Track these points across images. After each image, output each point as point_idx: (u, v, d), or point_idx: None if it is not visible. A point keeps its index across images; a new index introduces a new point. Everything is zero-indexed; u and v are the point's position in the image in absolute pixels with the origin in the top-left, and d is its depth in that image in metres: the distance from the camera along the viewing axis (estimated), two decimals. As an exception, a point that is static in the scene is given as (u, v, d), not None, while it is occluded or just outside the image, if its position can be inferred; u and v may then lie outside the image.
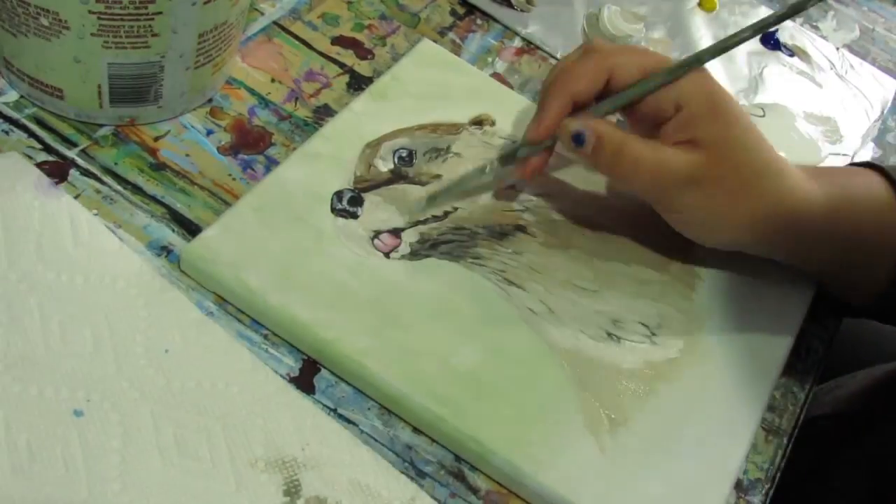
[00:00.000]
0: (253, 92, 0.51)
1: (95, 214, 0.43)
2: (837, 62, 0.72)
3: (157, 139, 0.48)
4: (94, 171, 0.45)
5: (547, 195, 0.50)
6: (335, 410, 0.41)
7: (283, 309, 0.41)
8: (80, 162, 0.45)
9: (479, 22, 0.62)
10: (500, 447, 0.40)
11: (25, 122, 0.46)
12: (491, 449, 0.40)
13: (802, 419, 0.49)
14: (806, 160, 0.62)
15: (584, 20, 0.65)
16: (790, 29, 0.72)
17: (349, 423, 0.41)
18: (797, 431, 0.48)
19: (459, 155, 0.50)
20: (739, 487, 0.45)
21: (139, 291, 0.41)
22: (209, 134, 0.49)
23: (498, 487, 0.41)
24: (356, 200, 0.46)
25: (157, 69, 0.44)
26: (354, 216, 0.46)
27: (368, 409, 0.42)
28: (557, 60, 0.61)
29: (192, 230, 0.45)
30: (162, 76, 0.45)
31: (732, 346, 0.48)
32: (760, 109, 0.65)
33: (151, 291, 0.41)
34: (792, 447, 0.47)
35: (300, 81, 0.53)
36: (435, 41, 0.57)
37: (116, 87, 0.45)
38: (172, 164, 0.47)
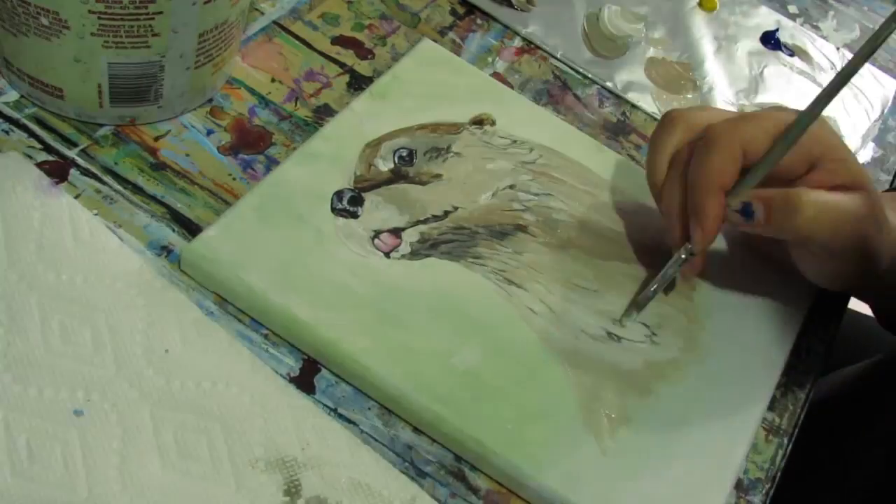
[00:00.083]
0: (253, 92, 0.51)
1: (96, 214, 0.43)
2: (838, 62, 0.72)
3: (157, 139, 0.48)
4: (94, 170, 0.45)
5: (547, 195, 0.50)
6: (335, 410, 0.41)
7: (283, 309, 0.41)
8: (80, 162, 0.45)
9: (479, 22, 0.62)
10: (500, 447, 0.40)
11: (25, 121, 0.46)
12: (491, 449, 0.40)
13: (804, 415, 0.49)
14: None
15: (584, 20, 0.65)
16: (790, 29, 0.72)
17: (349, 423, 0.41)
18: (801, 423, 0.48)
19: (460, 154, 0.50)
20: (740, 487, 0.45)
21: (139, 291, 0.41)
22: (209, 134, 0.49)
23: (498, 487, 0.41)
24: (356, 200, 0.46)
25: (157, 69, 0.44)
26: (355, 216, 0.46)
27: (368, 409, 0.42)
28: (558, 59, 0.61)
29: (192, 230, 0.45)
30: (162, 76, 0.45)
31: (733, 345, 0.48)
32: (760, 109, 0.65)
33: (152, 291, 0.41)
34: (802, 432, 0.48)
35: (300, 81, 0.53)
36: (435, 41, 0.57)
37: (116, 86, 0.45)
38: (173, 163, 0.47)
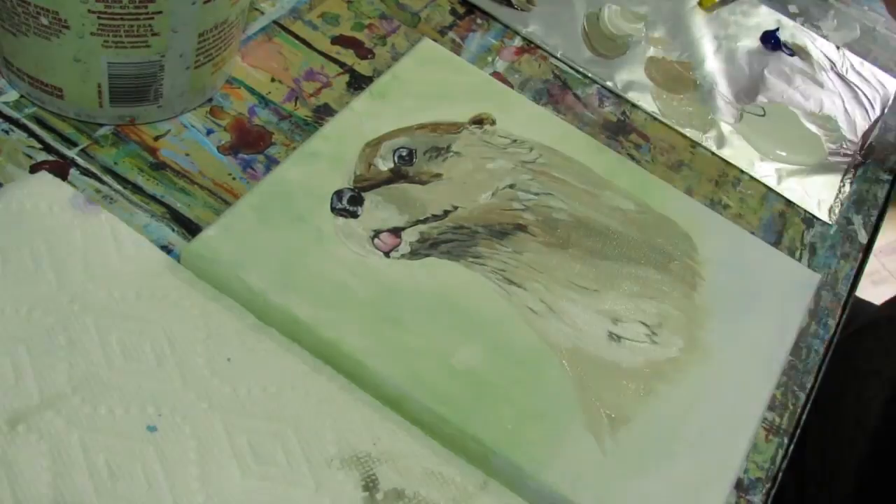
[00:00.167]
0: (253, 91, 0.51)
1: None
2: (838, 61, 0.72)
3: (157, 139, 0.48)
4: (94, 170, 0.45)
5: (547, 194, 0.50)
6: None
7: (283, 308, 0.41)
8: (80, 161, 0.45)
9: (479, 21, 0.62)
10: (500, 446, 0.40)
11: (25, 121, 0.46)
12: (491, 448, 0.40)
13: (805, 415, 0.49)
14: (808, 159, 0.62)
15: (584, 20, 0.65)
16: (791, 28, 0.72)
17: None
18: (802, 423, 0.48)
19: (459, 154, 0.50)
20: (740, 487, 0.45)
21: (192, 302, 0.41)
22: (209, 133, 0.49)
23: (498, 487, 0.41)
24: (356, 200, 0.46)
25: (157, 68, 0.44)
26: (354, 215, 0.46)
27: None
28: (558, 58, 0.61)
29: (192, 230, 0.45)
30: (162, 75, 0.45)
31: (733, 346, 0.48)
32: (761, 109, 0.65)
33: (205, 301, 0.41)
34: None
35: (300, 81, 0.53)
36: (435, 40, 0.57)
37: (116, 86, 0.45)
38: (172, 163, 0.47)
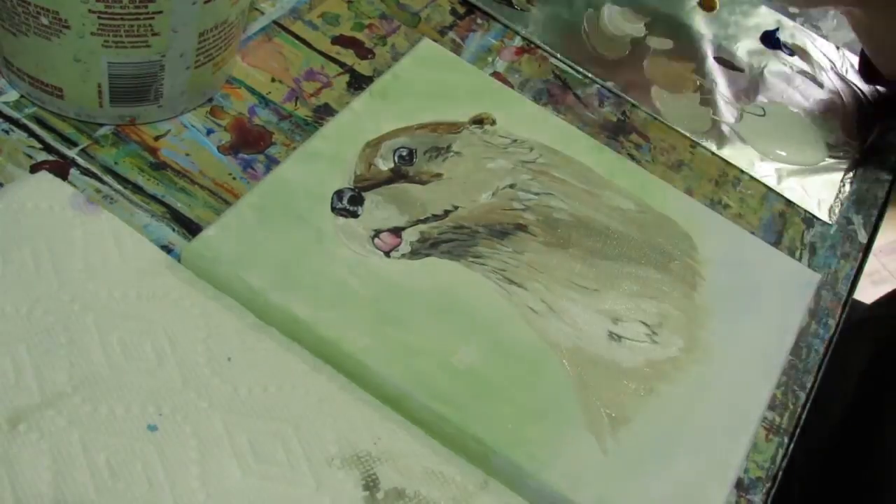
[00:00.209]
0: (253, 91, 0.51)
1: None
2: (838, 61, 0.72)
3: (157, 138, 0.48)
4: (94, 170, 0.45)
5: (547, 194, 0.50)
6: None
7: (283, 308, 0.41)
8: (80, 161, 0.45)
9: (479, 21, 0.62)
10: (500, 446, 0.40)
11: (25, 121, 0.46)
12: (491, 448, 0.40)
13: (805, 415, 0.49)
14: (808, 159, 0.62)
15: (584, 20, 0.65)
16: (791, 28, 0.72)
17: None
18: (802, 423, 0.48)
19: (460, 154, 0.50)
20: (740, 486, 0.45)
21: (193, 302, 0.41)
22: (209, 133, 0.49)
23: (498, 486, 0.41)
24: (356, 199, 0.46)
25: (157, 68, 0.44)
26: (355, 215, 0.46)
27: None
28: (558, 58, 0.61)
29: (192, 229, 0.45)
30: (162, 75, 0.45)
31: (733, 345, 0.48)
32: (761, 109, 0.65)
33: (205, 300, 0.41)
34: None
35: (300, 81, 0.53)
36: (435, 40, 0.57)
37: (117, 86, 0.45)
38: (173, 163, 0.47)
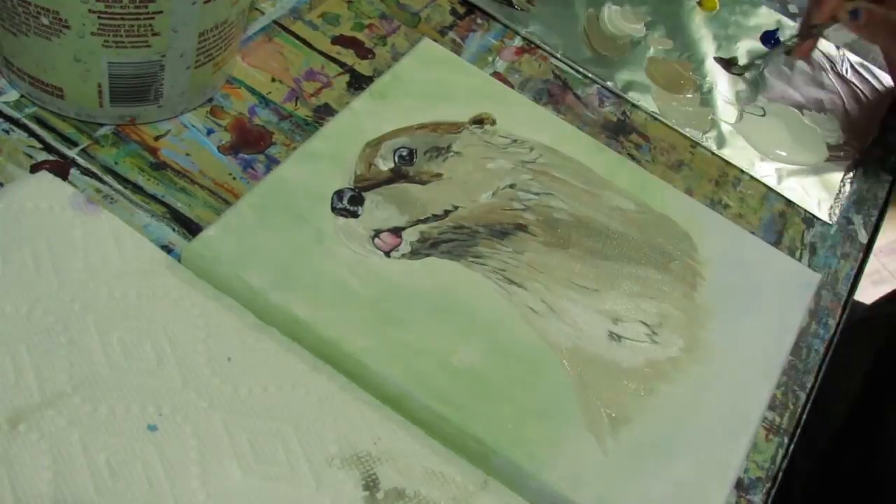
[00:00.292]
0: (253, 91, 0.51)
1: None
2: (838, 62, 0.72)
3: (157, 138, 0.48)
4: (94, 170, 0.45)
5: (547, 194, 0.50)
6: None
7: (283, 308, 0.41)
8: (80, 161, 0.45)
9: (479, 21, 0.62)
10: (500, 446, 0.40)
11: (26, 121, 0.46)
12: (492, 448, 0.40)
13: (805, 415, 0.49)
14: (808, 159, 0.62)
15: (584, 20, 0.65)
16: (791, 28, 0.72)
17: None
18: (802, 423, 0.48)
19: (460, 154, 0.50)
20: (740, 486, 0.45)
21: (193, 302, 0.41)
22: (209, 133, 0.49)
23: (499, 486, 0.41)
24: (356, 199, 0.46)
25: (157, 68, 0.44)
26: (355, 215, 0.46)
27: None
28: (559, 58, 0.61)
29: (192, 229, 0.45)
30: (162, 75, 0.45)
31: (733, 345, 0.48)
32: (761, 109, 0.65)
33: (205, 300, 0.41)
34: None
35: (300, 81, 0.53)
36: (435, 40, 0.57)
37: (117, 86, 0.45)
38: (173, 163, 0.47)
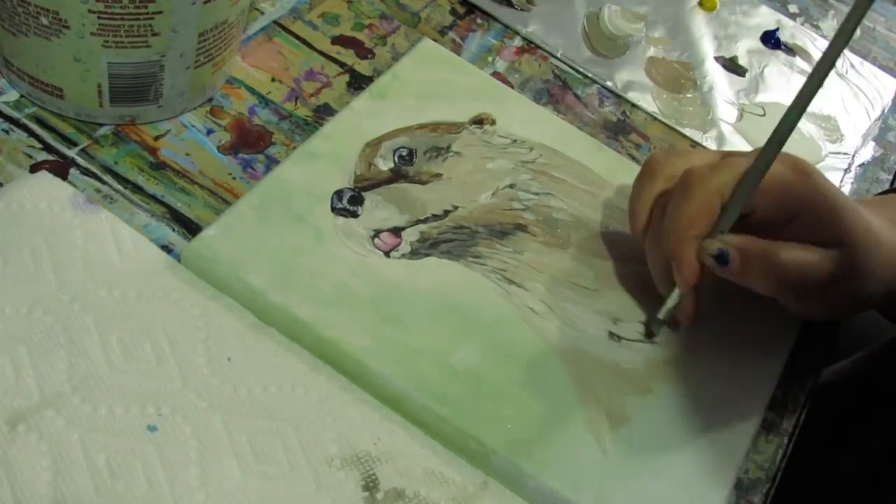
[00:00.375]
0: (253, 91, 0.51)
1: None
2: (838, 61, 0.72)
3: (157, 138, 0.48)
4: (94, 170, 0.45)
5: (547, 194, 0.50)
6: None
7: (283, 308, 0.41)
8: (80, 161, 0.45)
9: (479, 21, 0.62)
10: (500, 446, 0.40)
11: (25, 121, 0.46)
12: (491, 448, 0.40)
13: (804, 415, 0.49)
14: (808, 158, 0.62)
15: (584, 20, 0.65)
16: (791, 28, 0.72)
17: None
18: (801, 423, 0.48)
19: (460, 154, 0.50)
20: (740, 487, 0.45)
21: (193, 302, 0.41)
22: (209, 133, 0.49)
23: (498, 487, 0.41)
24: (356, 199, 0.46)
25: (157, 68, 0.44)
26: (355, 215, 0.46)
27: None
28: (558, 58, 0.61)
29: (192, 229, 0.45)
30: (162, 75, 0.45)
31: (733, 345, 0.48)
32: (761, 109, 0.65)
33: (205, 300, 0.41)
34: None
35: (300, 81, 0.53)
36: (435, 40, 0.57)
37: (116, 86, 0.45)
38: (172, 163, 0.47)
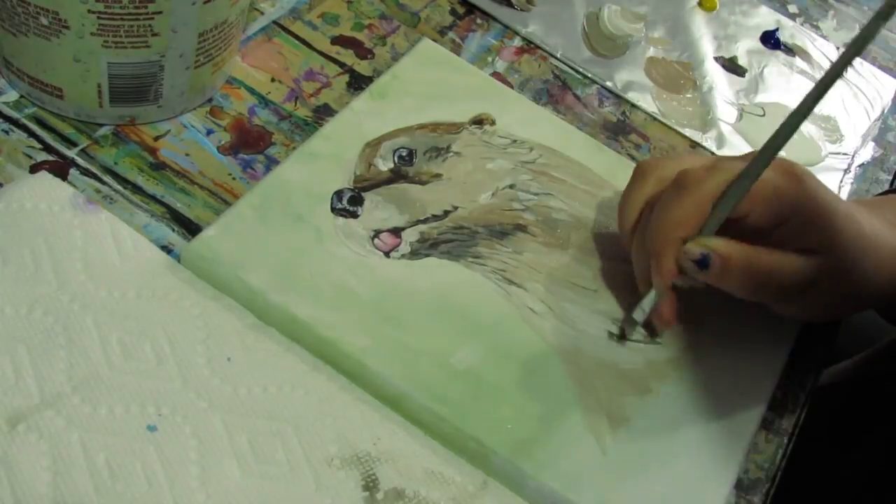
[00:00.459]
0: (253, 91, 0.51)
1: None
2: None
3: (156, 139, 0.48)
4: (94, 170, 0.45)
5: (547, 195, 0.50)
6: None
7: (282, 308, 0.41)
8: (80, 161, 0.45)
9: (479, 21, 0.62)
10: (500, 447, 0.40)
11: (25, 121, 0.46)
12: (491, 448, 0.40)
13: (804, 415, 0.49)
14: (806, 159, 0.62)
15: (584, 20, 0.65)
16: (791, 28, 0.72)
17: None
18: (801, 422, 0.48)
19: (459, 154, 0.50)
20: (740, 487, 0.45)
21: (193, 302, 0.41)
22: (209, 133, 0.49)
23: (498, 487, 0.41)
24: (356, 200, 0.46)
25: (157, 69, 0.44)
26: (354, 215, 0.46)
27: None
28: (558, 58, 0.61)
29: (192, 230, 0.45)
30: (162, 76, 0.45)
31: (733, 345, 0.48)
32: (761, 109, 0.65)
33: (204, 300, 0.41)
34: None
35: (300, 81, 0.53)
36: (435, 40, 0.57)
37: (116, 86, 0.45)
38: (172, 163, 0.47)
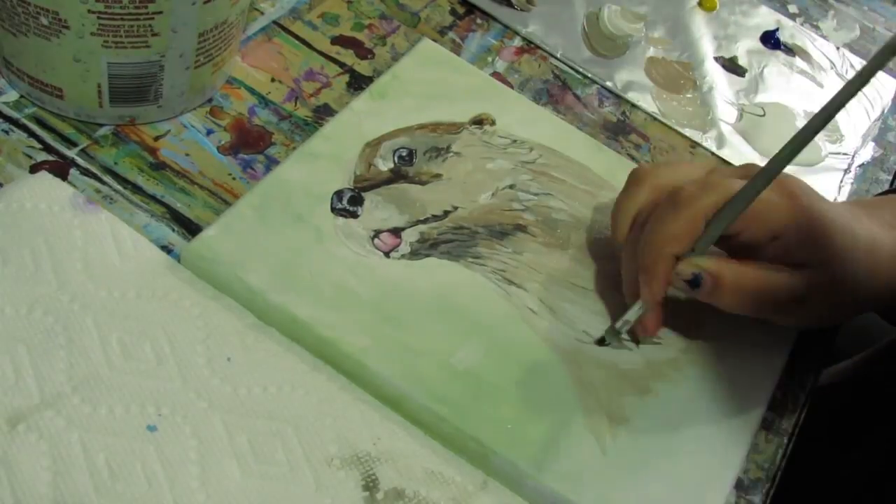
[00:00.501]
0: (253, 91, 0.51)
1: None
2: (838, 62, 0.72)
3: (156, 139, 0.48)
4: (94, 170, 0.45)
5: (547, 195, 0.50)
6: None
7: (282, 308, 0.41)
8: (80, 161, 0.45)
9: (479, 21, 0.62)
10: (499, 446, 0.40)
11: (25, 121, 0.46)
12: (491, 448, 0.40)
13: (804, 415, 0.49)
14: (806, 159, 0.62)
15: (584, 20, 0.65)
16: (791, 28, 0.72)
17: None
18: (801, 422, 0.48)
19: (459, 154, 0.50)
20: (740, 487, 0.45)
21: (193, 302, 0.41)
22: (209, 133, 0.49)
23: (498, 487, 0.41)
24: (356, 200, 0.46)
25: (157, 69, 0.44)
26: (354, 215, 0.46)
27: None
28: (558, 58, 0.61)
29: (192, 230, 0.45)
30: (162, 76, 0.45)
31: (733, 345, 0.48)
32: (761, 109, 0.65)
33: (204, 300, 0.41)
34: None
35: (300, 81, 0.53)
36: (435, 40, 0.57)
37: (116, 86, 0.45)
38: (172, 163, 0.47)
